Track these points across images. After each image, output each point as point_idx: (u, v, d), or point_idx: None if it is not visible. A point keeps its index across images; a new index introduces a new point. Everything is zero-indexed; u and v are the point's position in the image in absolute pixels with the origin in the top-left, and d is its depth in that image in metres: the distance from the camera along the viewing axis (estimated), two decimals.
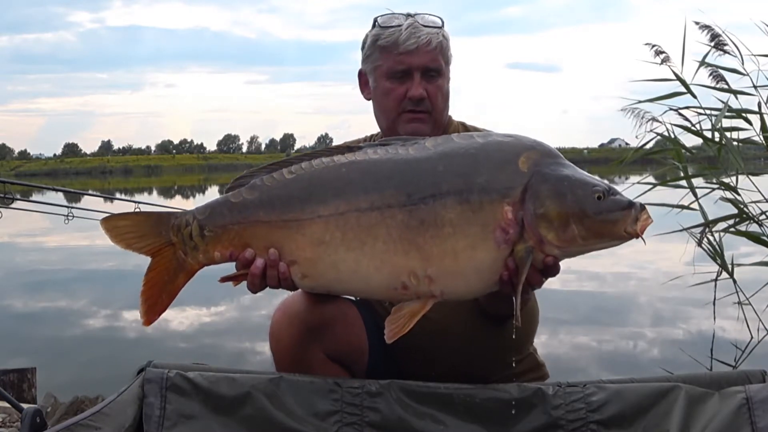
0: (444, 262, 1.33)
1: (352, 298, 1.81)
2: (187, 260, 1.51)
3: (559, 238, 1.33)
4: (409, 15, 1.82)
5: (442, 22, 1.85)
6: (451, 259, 1.33)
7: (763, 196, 4.49)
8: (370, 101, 1.91)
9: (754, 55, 4.60)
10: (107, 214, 1.54)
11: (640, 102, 4.89)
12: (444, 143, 1.43)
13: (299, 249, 1.40)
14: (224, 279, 1.52)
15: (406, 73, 1.78)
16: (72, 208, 5.60)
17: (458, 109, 2.07)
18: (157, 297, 1.50)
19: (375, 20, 1.84)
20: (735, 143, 4.64)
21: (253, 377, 1.56)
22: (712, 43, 4.72)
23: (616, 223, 1.34)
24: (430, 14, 1.84)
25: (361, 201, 1.36)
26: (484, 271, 1.36)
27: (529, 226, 1.32)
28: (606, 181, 1.41)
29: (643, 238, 1.36)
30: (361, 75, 1.91)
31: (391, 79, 1.80)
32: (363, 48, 1.89)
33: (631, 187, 5.07)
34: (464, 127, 1.93)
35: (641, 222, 1.34)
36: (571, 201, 1.33)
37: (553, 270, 1.39)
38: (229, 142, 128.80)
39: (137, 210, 1.61)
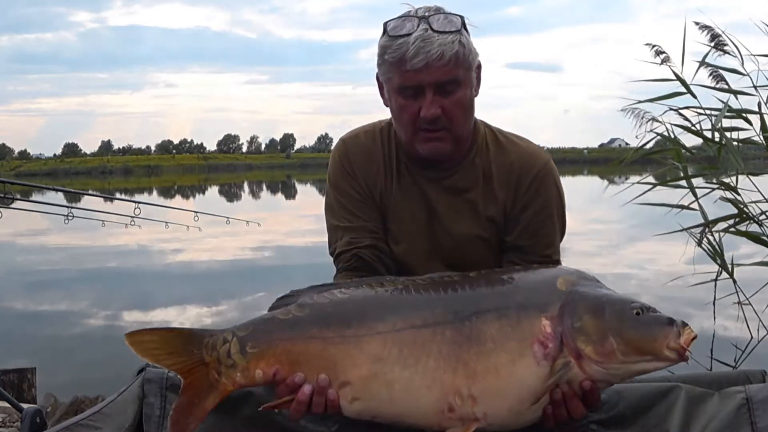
0: (487, 378, 1.34)
1: None
2: (221, 381, 1.40)
3: (597, 352, 1.32)
4: (423, 18, 1.61)
5: (462, 22, 1.65)
6: (493, 376, 1.34)
7: (763, 196, 4.50)
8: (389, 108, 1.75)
9: (754, 55, 4.62)
10: (130, 332, 1.42)
11: (640, 102, 4.91)
12: (487, 271, 1.50)
13: (356, 366, 1.36)
14: (266, 408, 1.42)
15: (417, 89, 1.62)
16: (72, 208, 5.62)
17: None
18: (184, 422, 1.39)
19: (384, 25, 1.66)
20: (735, 143, 4.65)
21: None
22: (712, 44, 4.73)
23: (656, 338, 1.31)
24: (446, 13, 1.65)
25: (415, 318, 1.37)
26: (525, 390, 1.34)
27: (566, 339, 1.33)
28: (644, 302, 1.39)
29: (689, 353, 1.32)
30: (378, 80, 1.74)
31: (404, 95, 1.64)
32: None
33: (631, 187, 5.08)
34: (492, 134, 1.79)
35: (685, 336, 1.31)
36: (609, 315, 1.33)
37: (591, 396, 1.35)
38: (229, 142, 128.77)
39: (167, 327, 1.49)
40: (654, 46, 4.95)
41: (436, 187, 1.74)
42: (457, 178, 1.73)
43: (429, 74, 1.59)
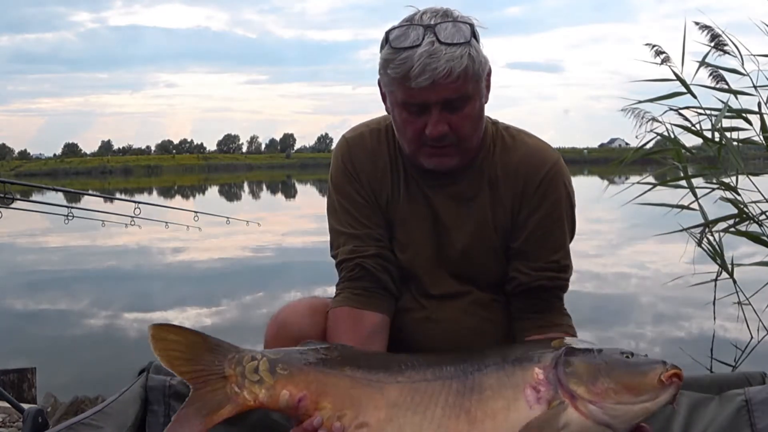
0: (484, 423, 1.41)
1: None
2: (241, 394, 1.39)
3: (590, 391, 1.37)
4: (428, 27, 1.48)
5: (471, 30, 1.51)
6: (491, 421, 1.41)
7: (763, 196, 4.50)
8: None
9: (754, 55, 4.62)
10: (158, 324, 1.39)
11: (640, 102, 4.90)
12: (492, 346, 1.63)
13: (376, 408, 1.44)
14: None
15: (422, 106, 1.52)
16: (72, 208, 5.62)
17: None
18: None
19: (387, 34, 1.53)
20: (735, 143, 4.65)
21: None
22: (712, 44, 4.73)
23: (646, 375, 1.36)
24: (454, 20, 1.51)
25: (428, 373, 1.46)
26: None
27: (559, 384, 1.40)
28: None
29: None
30: (380, 86, 1.63)
31: (408, 110, 1.54)
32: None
33: (631, 187, 5.08)
34: (499, 134, 1.70)
35: (673, 371, 1.35)
36: (599, 358, 1.40)
37: None
38: (229, 142, 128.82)
39: (196, 330, 1.45)
40: (654, 46, 4.95)
41: (441, 195, 1.68)
42: (463, 185, 1.67)
43: (435, 93, 1.48)
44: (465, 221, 1.68)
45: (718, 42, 4.72)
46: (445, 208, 1.68)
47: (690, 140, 5.06)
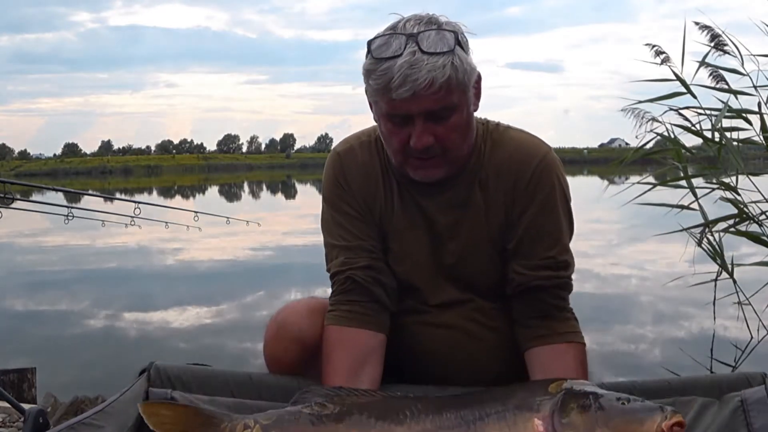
0: None
1: None
2: None
3: None
4: (411, 36, 1.45)
5: (455, 38, 1.47)
6: None
7: (763, 196, 4.50)
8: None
9: (754, 55, 4.61)
10: (146, 402, 1.44)
11: (640, 102, 4.90)
12: (492, 387, 1.58)
13: None
14: None
15: (405, 118, 1.49)
16: (72, 208, 5.63)
17: None
18: None
19: (369, 43, 1.50)
20: (735, 143, 4.65)
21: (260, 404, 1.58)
22: (712, 44, 4.73)
23: (643, 422, 1.33)
24: (438, 27, 1.48)
25: (428, 423, 1.44)
26: None
27: None
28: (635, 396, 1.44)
29: None
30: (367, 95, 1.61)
31: (392, 121, 1.52)
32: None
33: (631, 187, 5.08)
34: (488, 133, 1.67)
35: (673, 419, 1.32)
36: (595, 407, 1.38)
37: None
38: (229, 142, 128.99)
39: (187, 404, 1.49)
40: (654, 46, 4.95)
41: (434, 202, 1.65)
42: (456, 191, 1.64)
43: (417, 104, 1.46)
44: (460, 227, 1.65)
45: (718, 42, 4.72)
46: (439, 216, 1.66)
47: (690, 140, 5.06)
